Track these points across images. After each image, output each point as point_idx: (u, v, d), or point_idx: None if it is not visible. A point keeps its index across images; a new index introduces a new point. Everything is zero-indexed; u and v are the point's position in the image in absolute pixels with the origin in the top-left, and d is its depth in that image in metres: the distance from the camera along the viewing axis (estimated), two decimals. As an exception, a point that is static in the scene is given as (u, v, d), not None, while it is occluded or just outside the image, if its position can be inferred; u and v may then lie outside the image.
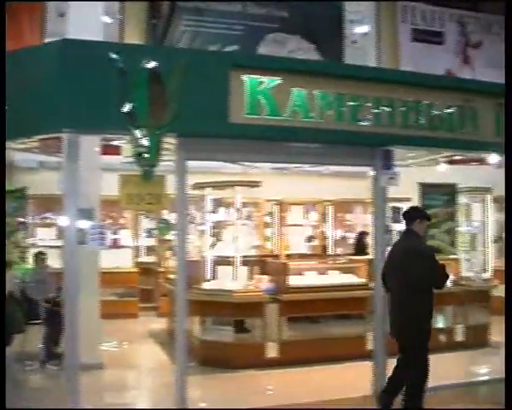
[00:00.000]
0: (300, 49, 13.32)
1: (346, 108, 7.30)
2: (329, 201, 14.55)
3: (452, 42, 15.02)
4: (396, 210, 13.91)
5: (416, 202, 9.71)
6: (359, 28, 13.64)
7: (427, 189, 9.38)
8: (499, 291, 11.74)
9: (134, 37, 12.56)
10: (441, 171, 11.58)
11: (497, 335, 10.33)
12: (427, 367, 6.56)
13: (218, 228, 10.25)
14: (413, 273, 6.35)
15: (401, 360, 6.75)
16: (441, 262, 6.76)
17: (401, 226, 13.83)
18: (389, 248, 7.19)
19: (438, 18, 14.86)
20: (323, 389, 7.90)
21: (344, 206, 14.83)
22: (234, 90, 6.75)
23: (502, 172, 12.60)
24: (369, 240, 11.14)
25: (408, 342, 6.54)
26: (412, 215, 6.81)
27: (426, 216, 6.83)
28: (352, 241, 14.05)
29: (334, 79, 7.36)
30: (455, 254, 10.24)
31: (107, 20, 10.77)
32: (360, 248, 12.89)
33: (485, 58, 15.15)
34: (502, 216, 13.70)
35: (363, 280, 9.76)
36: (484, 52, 15.24)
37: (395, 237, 13.57)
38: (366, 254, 11.87)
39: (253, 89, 6.86)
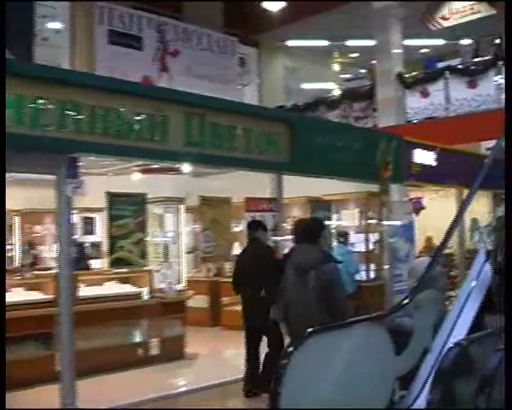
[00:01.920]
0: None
1: (26, 110, 6.58)
2: (15, 211, 13.33)
3: (151, 48, 14.92)
4: (88, 221, 13.39)
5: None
6: (51, 24, 12.83)
7: (115, 198, 8.98)
8: (195, 302, 11.82)
9: None
10: (136, 180, 11.36)
11: (192, 346, 10.32)
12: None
13: None
14: (264, 271, 7.89)
15: (257, 344, 8.38)
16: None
17: (94, 238, 13.60)
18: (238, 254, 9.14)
19: (136, 22, 14.63)
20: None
21: (33, 216, 13.71)
22: None
23: (196, 182, 12.81)
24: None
25: (264, 323, 7.83)
26: (256, 225, 8.61)
27: (265, 226, 8.62)
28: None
29: (14, 78, 6.63)
30: (145, 265, 9.97)
31: None
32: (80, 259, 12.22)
33: (183, 66, 15.32)
34: (195, 227, 13.80)
35: (49, 296, 8.99)
36: (182, 60, 15.39)
37: (88, 250, 13.18)
38: (87, 267, 11.68)
39: None
